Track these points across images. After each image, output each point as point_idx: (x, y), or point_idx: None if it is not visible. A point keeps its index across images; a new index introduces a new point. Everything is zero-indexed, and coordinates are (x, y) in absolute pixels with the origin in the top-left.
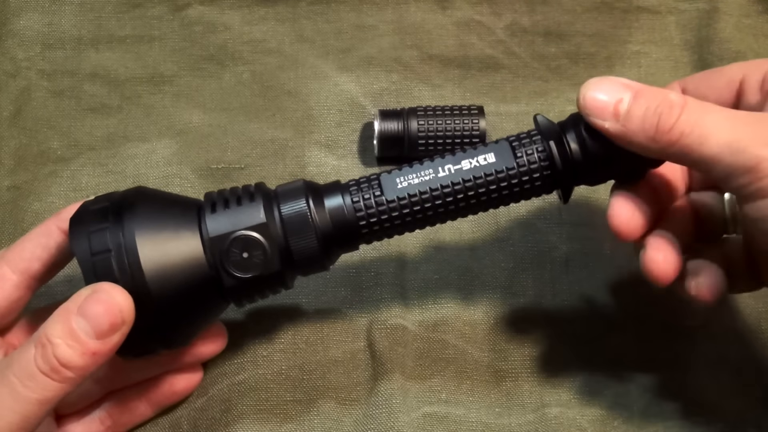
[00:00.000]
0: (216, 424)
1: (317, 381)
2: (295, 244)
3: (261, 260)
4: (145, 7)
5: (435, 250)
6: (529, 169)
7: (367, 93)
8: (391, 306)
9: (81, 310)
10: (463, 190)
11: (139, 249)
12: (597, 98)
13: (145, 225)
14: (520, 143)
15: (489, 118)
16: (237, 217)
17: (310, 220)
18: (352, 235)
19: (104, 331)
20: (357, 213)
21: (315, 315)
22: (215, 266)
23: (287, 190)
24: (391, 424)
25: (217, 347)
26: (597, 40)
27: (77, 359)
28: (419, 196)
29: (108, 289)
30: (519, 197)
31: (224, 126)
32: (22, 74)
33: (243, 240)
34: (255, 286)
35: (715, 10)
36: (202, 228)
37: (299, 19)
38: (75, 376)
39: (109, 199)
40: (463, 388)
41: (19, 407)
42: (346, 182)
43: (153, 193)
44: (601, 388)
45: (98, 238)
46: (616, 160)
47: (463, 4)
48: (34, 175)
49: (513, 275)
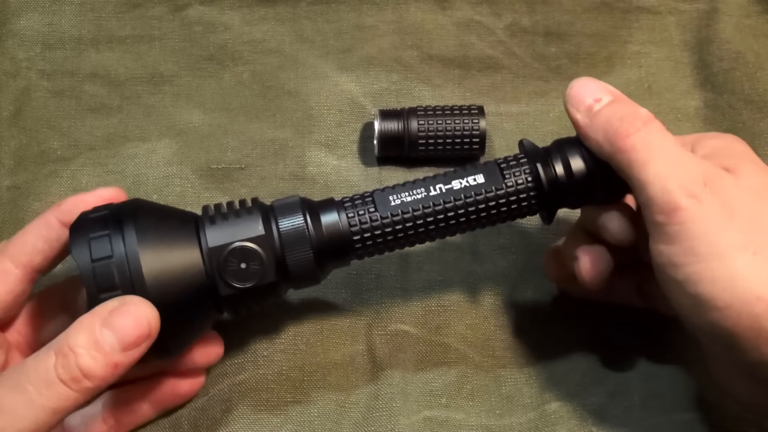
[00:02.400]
0: (216, 424)
1: (318, 382)
2: (292, 259)
3: (258, 271)
4: (145, 7)
5: (437, 253)
6: (517, 190)
7: (367, 93)
8: (392, 309)
9: (107, 323)
10: (453, 209)
11: (140, 256)
12: (580, 92)
13: (146, 233)
14: (508, 165)
15: (489, 118)
16: (236, 229)
17: (307, 235)
18: (345, 250)
19: (130, 344)
20: (352, 228)
21: (316, 316)
22: (213, 275)
23: (284, 205)
24: (391, 427)
25: (212, 358)
26: (597, 40)
27: (99, 370)
28: (411, 213)
29: (137, 302)
30: (506, 217)
31: (224, 126)
32: (22, 74)
33: (241, 251)
34: (250, 296)
35: (715, 11)
36: (201, 239)
37: (299, 19)
38: (93, 386)
39: (107, 208)
40: (463, 392)
41: (33, 415)
42: (341, 199)
43: (151, 204)
44: (602, 378)
45: (99, 244)
46: (598, 183)
47: (463, 4)
48: (34, 175)
49: (514, 281)
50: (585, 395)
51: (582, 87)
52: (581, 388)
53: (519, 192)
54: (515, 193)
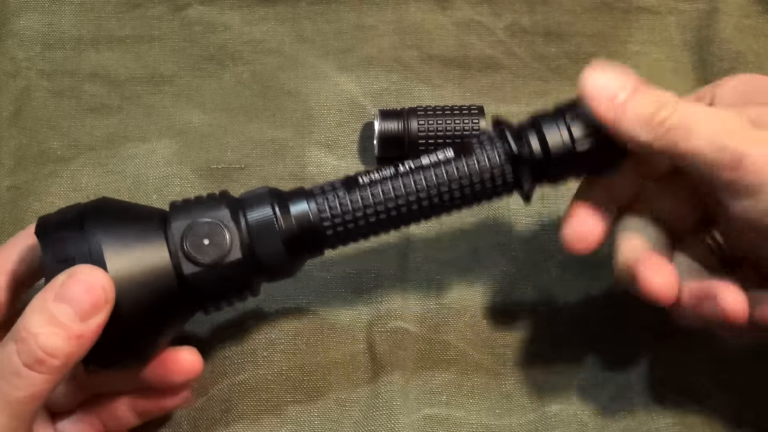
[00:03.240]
0: (216, 424)
1: (317, 382)
2: (262, 249)
3: (221, 244)
4: (145, 7)
5: (436, 251)
6: (488, 163)
7: (367, 93)
8: (392, 307)
9: (60, 296)
10: (424, 186)
11: (105, 255)
12: (597, 87)
13: (109, 228)
14: (479, 140)
15: (489, 118)
16: (199, 210)
17: (276, 226)
18: (317, 238)
19: (87, 311)
20: (321, 215)
21: (315, 316)
22: (176, 255)
23: (252, 196)
24: (391, 425)
25: (191, 373)
26: (597, 40)
27: (63, 345)
28: (380, 193)
29: (85, 269)
30: (481, 194)
31: (224, 126)
32: (22, 74)
33: (204, 226)
34: (218, 280)
35: (715, 11)
36: (166, 228)
37: (299, 19)
38: (61, 364)
39: (72, 209)
40: (463, 389)
41: (10, 408)
42: (310, 188)
43: (117, 202)
44: (603, 383)
45: (61, 245)
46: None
47: (463, 4)
48: (34, 175)
49: (513, 279)
50: (586, 398)
51: (598, 81)
52: (582, 391)
53: (492, 165)
54: (487, 166)
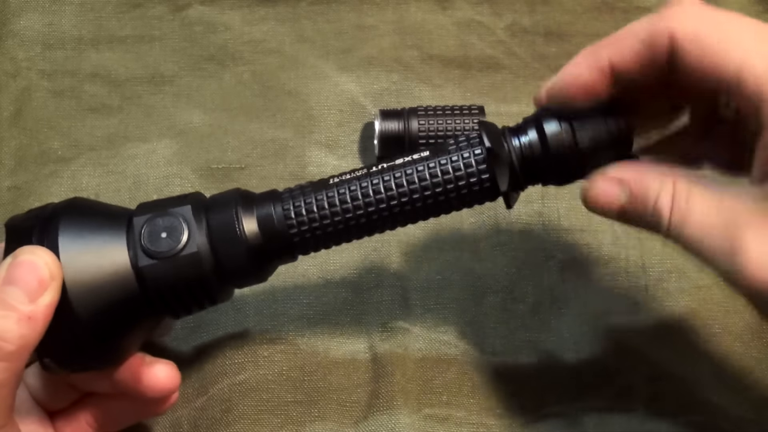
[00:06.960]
0: (216, 424)
1: (318, 382)
2: (223, 252)
3: (177, 238)
4: (146, 7)
5: (437, 252)
6: (463, 164)
7: (368, 93)
8: (392, 307)
9: (6, 279)
10: (395, 187)
11: (60, 243)
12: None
13: (71, 225)
14: (457, 141)
15: (490, 118)
16: (164, 207)
17: (236, 229)
18: (285, 244)
19: (35, 291)
20: (287, 221)
21: (316, 316)
22: (134, 248)
23: (219, 198)
24: (392, 425)
25: (166, 387)
26: (597, 40)
27: (15, 327)
28: (348, 195)
29: (27, 250)
30: (457, 198)
31: (225, 126)
32: (22, 74)
33: (164, 219)
34: (174, 273)
35: None
36: (129, 224)
37: (300, 19)
38: (16, 348)
39: (42, 207)
40: (464, 389)
41: None
42: (282, 191)
43: (89, 201)
44: (602, 384)
45: (18, 236)
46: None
47: (464, 4)
48: (35, 176)
49: (514, 279)
50: (587, 398)
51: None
52: (583, 391)
53: (466, 167)
54: (461, 167)
